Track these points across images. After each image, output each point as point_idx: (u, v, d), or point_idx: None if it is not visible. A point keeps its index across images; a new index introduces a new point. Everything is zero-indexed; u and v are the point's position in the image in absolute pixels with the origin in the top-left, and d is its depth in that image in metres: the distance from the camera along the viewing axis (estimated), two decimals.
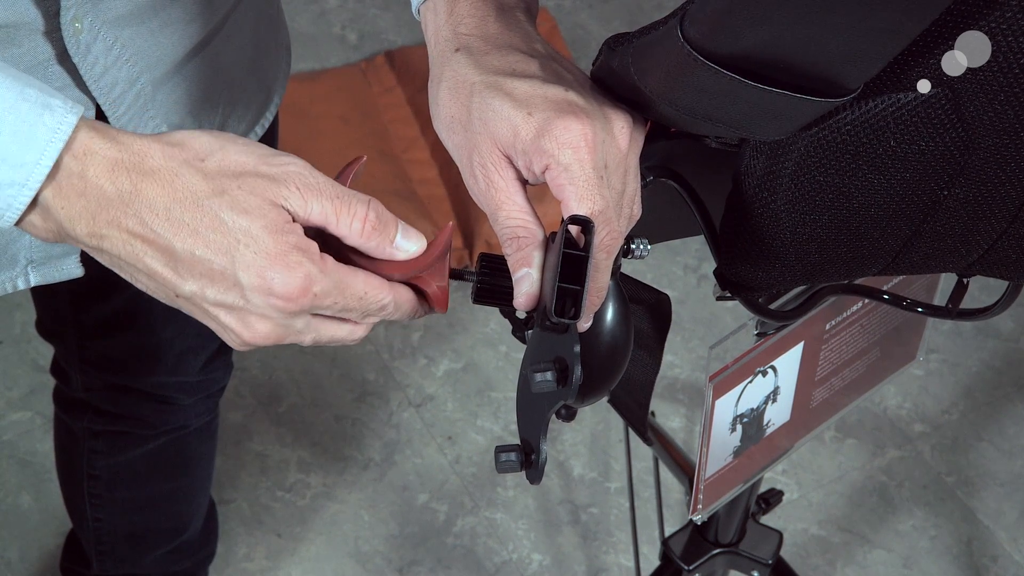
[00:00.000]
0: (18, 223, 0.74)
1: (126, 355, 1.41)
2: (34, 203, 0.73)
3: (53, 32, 0.91)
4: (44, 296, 1.40)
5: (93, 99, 0.97)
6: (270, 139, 1.24)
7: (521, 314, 0.81)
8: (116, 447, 1.53)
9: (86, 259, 1.04)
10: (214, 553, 1.78)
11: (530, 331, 0.82)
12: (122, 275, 0.77)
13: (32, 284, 1.05)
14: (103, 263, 0.77)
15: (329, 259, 0.75)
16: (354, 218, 0.75)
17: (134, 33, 0.96)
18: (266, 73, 1.17)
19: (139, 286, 0.76)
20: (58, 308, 1.38)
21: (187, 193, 0.73)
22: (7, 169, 0.71)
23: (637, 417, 1.14)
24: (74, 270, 1.06)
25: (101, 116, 0.99)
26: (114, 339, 1.38)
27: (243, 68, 1.12)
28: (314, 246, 0.74)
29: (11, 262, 1.03)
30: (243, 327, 0.75)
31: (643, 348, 0.98)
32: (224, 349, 1.46)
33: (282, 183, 0.74)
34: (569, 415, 0.85)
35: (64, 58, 0.93)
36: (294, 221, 0.74)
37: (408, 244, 0.77)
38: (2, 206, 0.73)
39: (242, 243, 0.73)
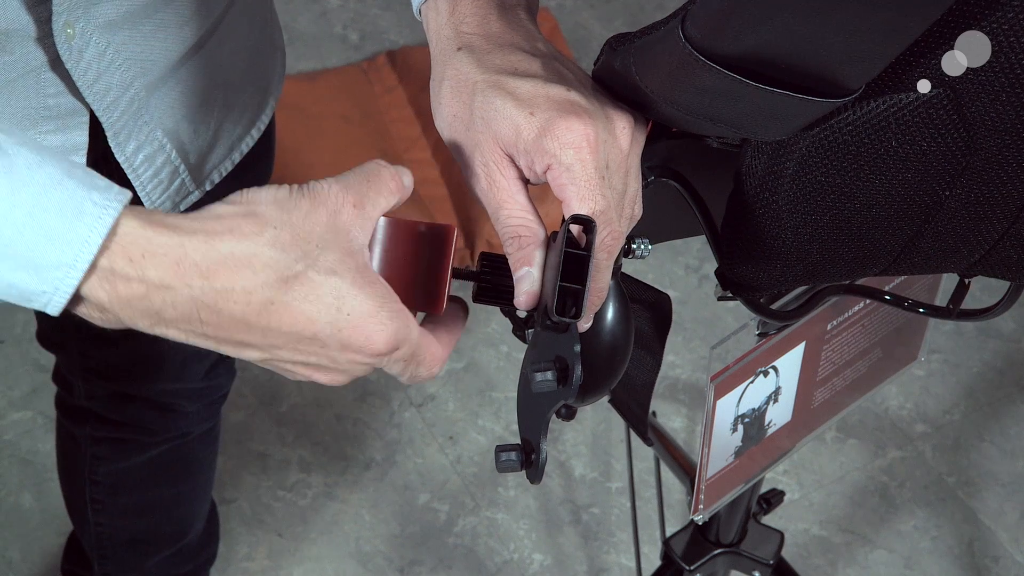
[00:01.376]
0: (66, 311, 0.68)
1: (129, 363, 1.41)
2: (84, 298, 0.67)
3: (45, 38, 0.90)
4: None
5: (87, 105, 0.97)
6: (267, 140, 1.24)
7: (522, 313, 0.81)
8: (118, 454, 1.52)
9: None
10: (215, 555, 1.78)
11: (531, 330, 0.82)
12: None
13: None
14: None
15: (413, 323, 0.73)
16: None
17: (127, 38, 0.96)
18: (261, 75, 1.17)
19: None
20: (59, 318, 1.38)
21: (273, 270, 0.68)
22: (54, 249, 0.65)
23: (638, 418, 1.14)
24: None
25: (95, 122, 0.99)
26: (117, 348, 1.38)
27: (238, 70, 1.12)
28: (405, 312, 0.72)
29: None
30: (312, 376, 0.73)
31: (644, 348, 0.98)
32: (227, 355, 1.45)
33: (354, 226, 0.71)
34: (569, 414, 0.85)
35: (57, 64, 0.93)
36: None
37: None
38: (48, 289, 0.66)
39: (334, 307, 0.69)
